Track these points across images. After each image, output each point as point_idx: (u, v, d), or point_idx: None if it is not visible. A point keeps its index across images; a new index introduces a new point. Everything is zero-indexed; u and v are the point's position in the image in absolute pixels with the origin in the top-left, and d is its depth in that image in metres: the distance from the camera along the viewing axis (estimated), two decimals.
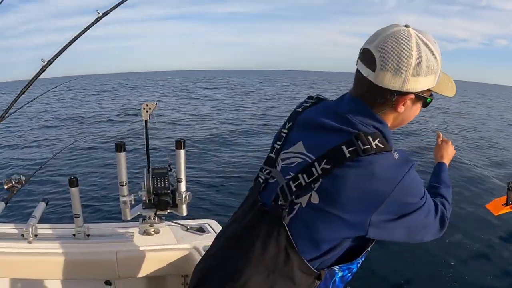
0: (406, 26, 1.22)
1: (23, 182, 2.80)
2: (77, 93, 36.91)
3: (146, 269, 2.68)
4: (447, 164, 1.81)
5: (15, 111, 2.58)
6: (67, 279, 2.64)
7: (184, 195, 2.65)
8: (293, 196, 1.25)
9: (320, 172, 1.20)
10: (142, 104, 2.70)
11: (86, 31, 2.17)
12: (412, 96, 1.24)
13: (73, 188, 2.60)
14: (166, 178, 2.65)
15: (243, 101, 29.30)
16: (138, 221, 2.85)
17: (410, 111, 1.31)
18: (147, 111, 2.68)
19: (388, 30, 1.23)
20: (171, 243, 2.77)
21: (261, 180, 1.42)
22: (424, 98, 1.27)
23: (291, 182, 1.26)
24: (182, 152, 2.63)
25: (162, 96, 33.65)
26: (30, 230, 2.62)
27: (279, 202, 1.27)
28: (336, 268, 1.31)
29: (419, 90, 1.23)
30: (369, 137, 1.18)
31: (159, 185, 2.63)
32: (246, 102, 27.76)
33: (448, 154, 1.86)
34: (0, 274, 2.58)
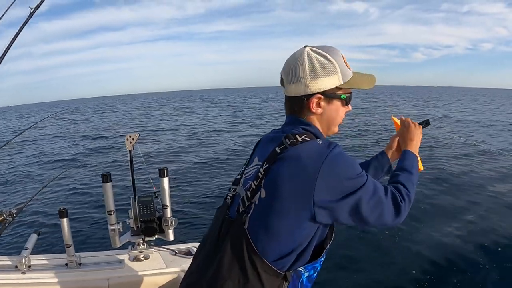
0: (305, 46, 1.49)
1: (14, 215, 2.86)
2: (66, 120, 36.53)
3: None
4: (415, 150, 1.76)
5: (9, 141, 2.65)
6: None
7: (170, 220, 2.74)
8: (250, 200, 1.41)
9: (263, 173, 1.39)
10: (125, 135, 2.80)
11: (24, 26, 2.22)
12: (319, 95, 1.46)
13: (63, 219, 2.67)
14: (151, 205, 2.74)
15: (234, 118, 29.46)
16: (128, 248, 2.92)
17: (330, 110, 1.50)
18: (130, 142, 2.77)
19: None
20: (161, 268, 2.85)
21: (228, 198, 1.58)
22: (336, 96, 1.48)
23: (247, 191, 1.44)
24: (165, 179, 2.73)
25: (151, 117, 33.59)
26: (23, 261, 2.71)
27: (240, 210, 1.43)
28: (301, 268, 1.43)
29: (324, 90, 1.45)
30: (297, 135, 1.40)
31: (145, 212, 2.71)
32: (235, 120, 27.84)
33: (412, 139, 1.80)
34: None
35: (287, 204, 1.32)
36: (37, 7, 2.36)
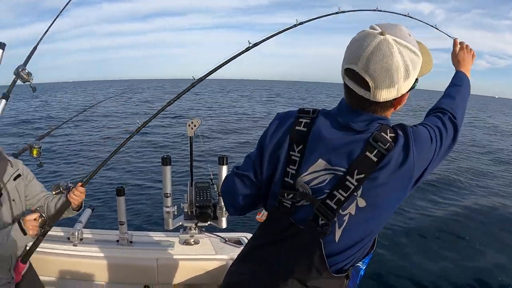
0: (382, 33, 1.23)
1: (71, 188, 2.91)
2: (126, 99, 37.34)
3: (184, 277, 2.77)
4: (466, 72, 1.82)
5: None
6: (108, 281, 2.76)
7: (224, 208, 2.70)
8: (339, 211, 1.29)
9: (356, 183, 1.26)
10: (187, 121, 2.76)
11: (238, 56, 2.22)
12: (407, 94, 1.33)
13: (120, 197, 2.72)
14: (208, 192, 2.72)
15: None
16: (179, 231, 2.93)
17: (403, 100, 1.35)
18: (192, 128, 2.73)
19: (366, 46, 1.23)
20: (210, 254, 2.85)
21: (288, 205, 1.40)
22: (413, 87, 1.32)
23: (328, 201, 1.30)
24: (224, 168, 2.71)
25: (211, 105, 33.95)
26: (76, 234, 2.79)
27: (321, 222, 1.30)
28: (360, 263, 1.38)
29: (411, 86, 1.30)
30: (382, 133, 1.28)
31: (201, 198, 2.68)
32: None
33: (465, 61, 1.85)
34: (47, 273, 2.70)
35: (390, 204, 1.32)
36: (256, 44, 2.28)
